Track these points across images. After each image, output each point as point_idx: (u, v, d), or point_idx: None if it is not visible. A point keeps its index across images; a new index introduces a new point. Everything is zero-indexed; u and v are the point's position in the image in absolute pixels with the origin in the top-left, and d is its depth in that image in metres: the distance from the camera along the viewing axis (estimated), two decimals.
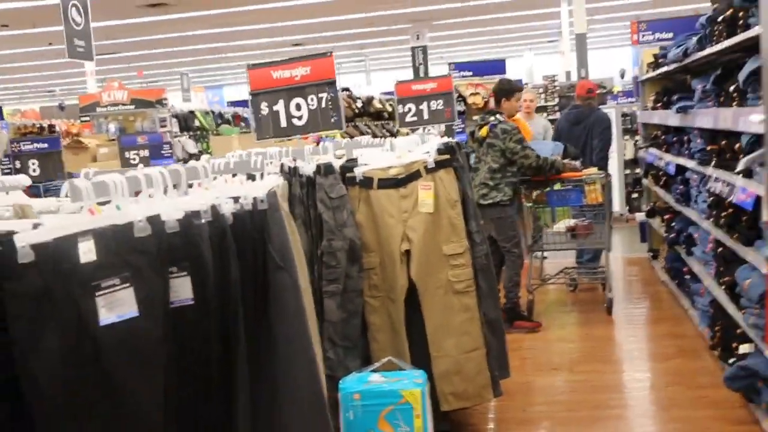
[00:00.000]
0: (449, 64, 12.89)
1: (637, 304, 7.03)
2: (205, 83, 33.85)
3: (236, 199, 2.42)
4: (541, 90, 15.43)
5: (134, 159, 8.66)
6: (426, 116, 6.77)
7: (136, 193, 2.31)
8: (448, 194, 4.08)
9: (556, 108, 14.86)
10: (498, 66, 12.28)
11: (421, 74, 21.14)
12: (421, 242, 4.01)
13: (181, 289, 2.14)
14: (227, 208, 2.34)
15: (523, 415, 4.62)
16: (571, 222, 7.03)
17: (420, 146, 4.47)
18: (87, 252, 2.03)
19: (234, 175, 3.24)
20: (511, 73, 13.10)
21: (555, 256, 7.95)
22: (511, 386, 4.56)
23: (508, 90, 6.52)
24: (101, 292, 2.02)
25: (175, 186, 2.44)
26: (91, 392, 2.00)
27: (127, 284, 2.03)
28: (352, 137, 7.85)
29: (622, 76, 21.54)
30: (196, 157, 11.58)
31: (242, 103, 18.16)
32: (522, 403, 4.75)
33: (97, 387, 2.01)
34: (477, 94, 11.26)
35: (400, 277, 4.00)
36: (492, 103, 11.39)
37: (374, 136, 10.72)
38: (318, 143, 4.99)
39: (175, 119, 12.94)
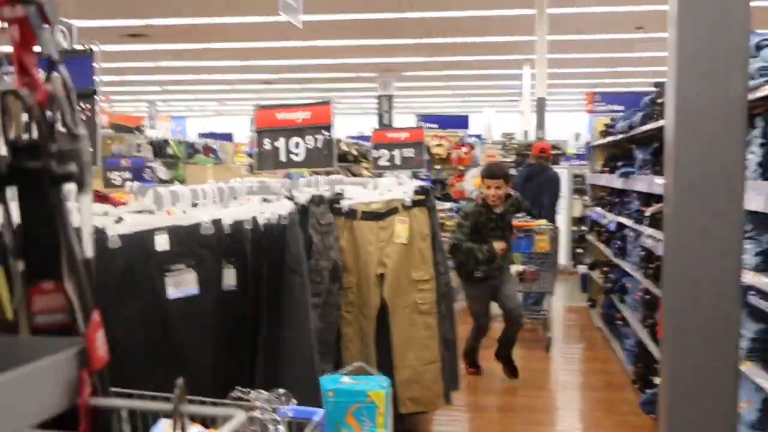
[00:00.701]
0: (417, 115, 13.71)
1: (573, 345, 7.78)
2: (169, 112, 34.35)
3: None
4: (499, 146, 16.32)
5: (117, 180, 9.18)
6: (398, 162, 7.47)
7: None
8: (420, 229, 4.79)
9: (512, 164, 15.72)
10: (461, 121, 13.14)
11: (386, 122, 21.95)
12: (394, 268, 4.70)
13: (229, 277, 2.80)
14: (261, 220, 3.02)
15: (469, 425, 5.29)
16: (521, 267, 7.79)
17: (399, 187, 5.18)
18: (162, 243, 2.68)
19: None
20: (473, 128, 13.92)
21: None
22: (459, 402, 5.24)
23: (482, 175, 6.53)
24: (170, 274, 2.68)
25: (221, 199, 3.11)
26: (159, 349, 2.64)
27: (191, 269, 2.69)
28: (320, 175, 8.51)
29: (577, 139, 22.67)
30: (168, 183, 12.16)
31: (212, 135, 18.76)
32: (469, 416, 5.43)
33: (164, 345, 2.65)
34: (441, 145, 12.09)
35: (374, 297, 4.67)
36: (454, 156, 12.24)
37: None
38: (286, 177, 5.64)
39: (149, 146, 13.51)
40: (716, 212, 2.44)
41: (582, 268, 9.98)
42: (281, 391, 2.21)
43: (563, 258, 11.63)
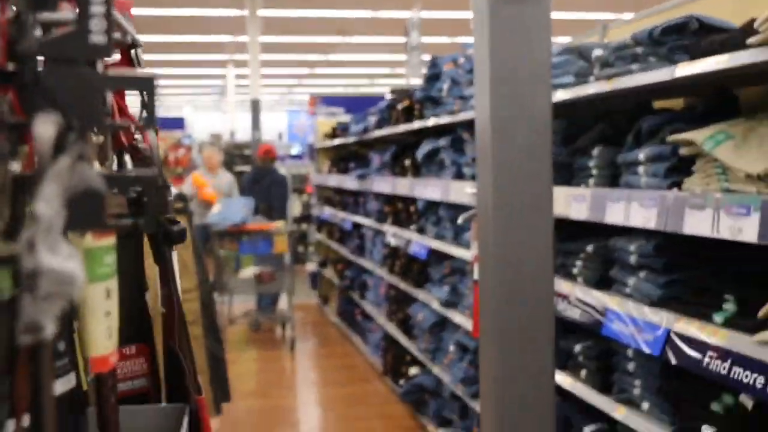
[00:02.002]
0: None
1: (312, 342, 7.99)
2: None
3: None
4: (208, 145, 16.16)
5: None
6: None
7: None
8: None
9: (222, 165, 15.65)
10: (178, 122, 12.90)
11: None
12: (157, 279, 4.55)
13: None
14: None
15: (237, 429, 5.29)
16: (257, 269, 7.84)
17: None
18: None
19: None
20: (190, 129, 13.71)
21: (239, 300, 8.64)
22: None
23: None
24: None
25: None
26: None
27: None
28: None
29: (280, 139, 23.06)
30: None
31: None
32: (234, 420, 5.41)
33: None
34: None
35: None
36: (171, 158, 11.97)
37: None
38: None
39: None
40: (528, 216, 2.69)
41: (311, 266, 10.23)
42: None
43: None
